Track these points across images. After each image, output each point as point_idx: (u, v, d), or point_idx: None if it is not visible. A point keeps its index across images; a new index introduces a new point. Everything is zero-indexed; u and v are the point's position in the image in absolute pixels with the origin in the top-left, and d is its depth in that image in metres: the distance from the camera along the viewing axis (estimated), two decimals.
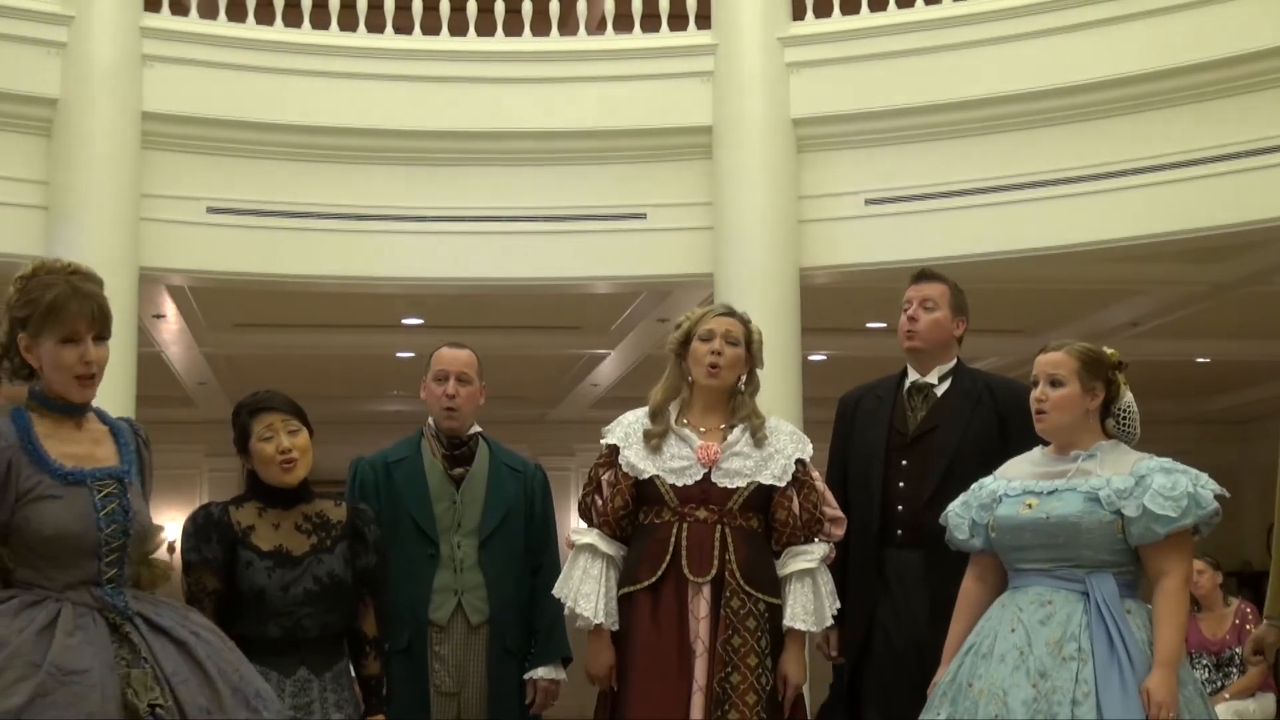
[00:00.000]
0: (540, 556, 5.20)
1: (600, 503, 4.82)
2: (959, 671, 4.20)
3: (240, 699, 3.38)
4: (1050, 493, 4.23)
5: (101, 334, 3.51)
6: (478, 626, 5.06)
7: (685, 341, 4.83)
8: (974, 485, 4.44)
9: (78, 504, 3.42)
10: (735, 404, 4.82)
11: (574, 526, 4.95)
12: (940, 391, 5.22)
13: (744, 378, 4.87)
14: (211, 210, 9.69)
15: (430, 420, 5.27)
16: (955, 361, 5.28)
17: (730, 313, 4.89)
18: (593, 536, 4.78)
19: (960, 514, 4.43)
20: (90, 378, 3.50)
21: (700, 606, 4.61)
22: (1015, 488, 4.31)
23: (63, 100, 9.49)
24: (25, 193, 9.43)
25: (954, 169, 9.77)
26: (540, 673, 5.10)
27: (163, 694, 3.27)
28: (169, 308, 10.73)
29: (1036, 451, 4.43)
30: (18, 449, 3.43)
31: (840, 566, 5.00)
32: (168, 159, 9.76)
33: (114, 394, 8.77)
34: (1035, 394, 4.34)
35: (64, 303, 3.46)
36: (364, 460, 5.27)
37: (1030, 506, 4.23)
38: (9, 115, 9.41)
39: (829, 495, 4.96)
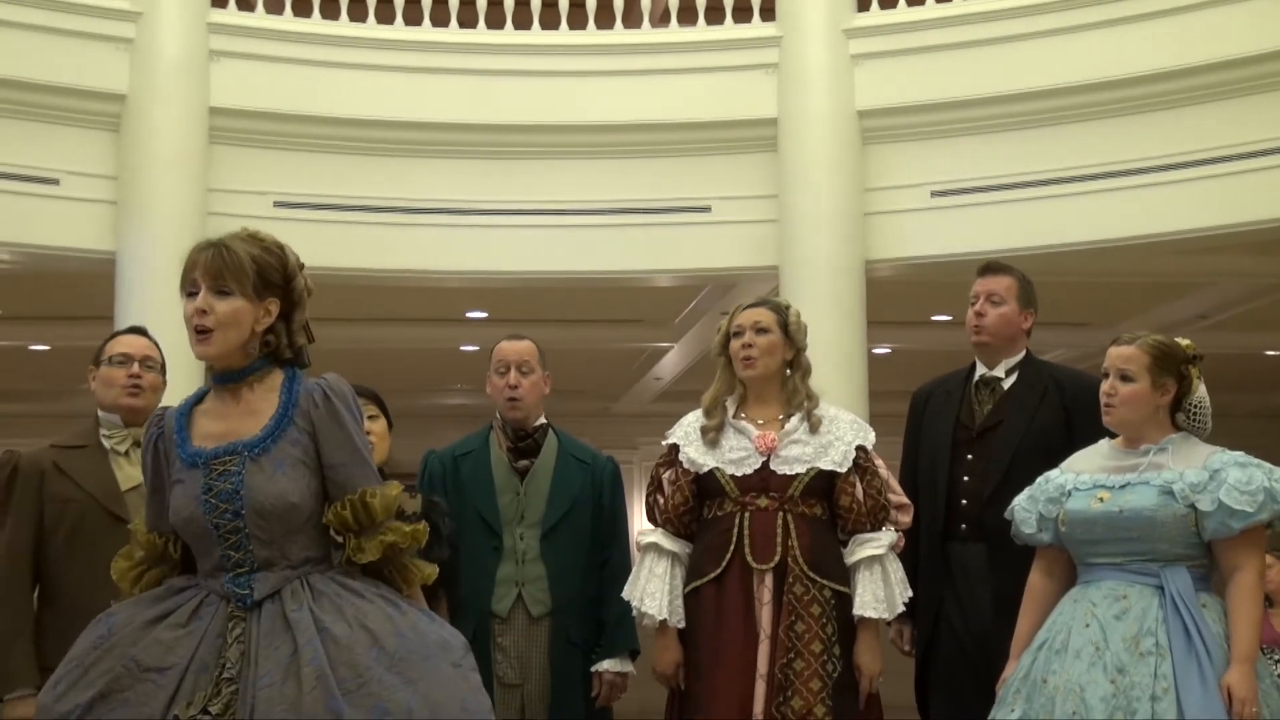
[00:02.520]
0: (608, 549, 5.20)
1: (662, 501, 4.84)
2: (1032, 667, 4.16)
3: (333, 712, 3.02)
4: (1123, 486, 4.20)
5: (221, 286, 3.26)
6: (539, 618, 5.07)
7: (727, 344, 4.85)
8: (1040, 479, 4.41)
9: (190, 487, 3.24)
10: (788, 390, 4.82)
11: (640, 528, 4.96)
12: (1007, 385, 5.19)
13: (790, 362, 4.85)
14: (278, 204, 9.74)
15: (498, 413, 5.28)
16: (1024, 354, 5.24)
17: (759, 303, 4.91)
18: (657, 535, 4.80)
19: (1027, 508, 4.40)
20: (203, 331, 3.26)
21: (764, 594, 4.62)
22: (1085, 481, 4.28)
23: (131, 96, 9.56)
24: (95, 188, 9.51)
25: (1020, 160, 9.70)
26: (606, 665, 5.11)
27: (222, 701, 3.08)
28: None
29: (1105, 444, 4.40)
30: (171, 436, 3.33)
31: (910, 560, 4.99)
32: (235, 154, 9.82)
33: (181, 386, 8.81)
34: (1104, 387, 4.30)
35: (188, 256, 3.30)
36: (434, 453, 5.29)
37: (1102, 500, 4.20)
38: (79, 111, 9.48)
39: (893, 482, 4.95)
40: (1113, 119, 9.48)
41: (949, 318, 11.55)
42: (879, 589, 4.65)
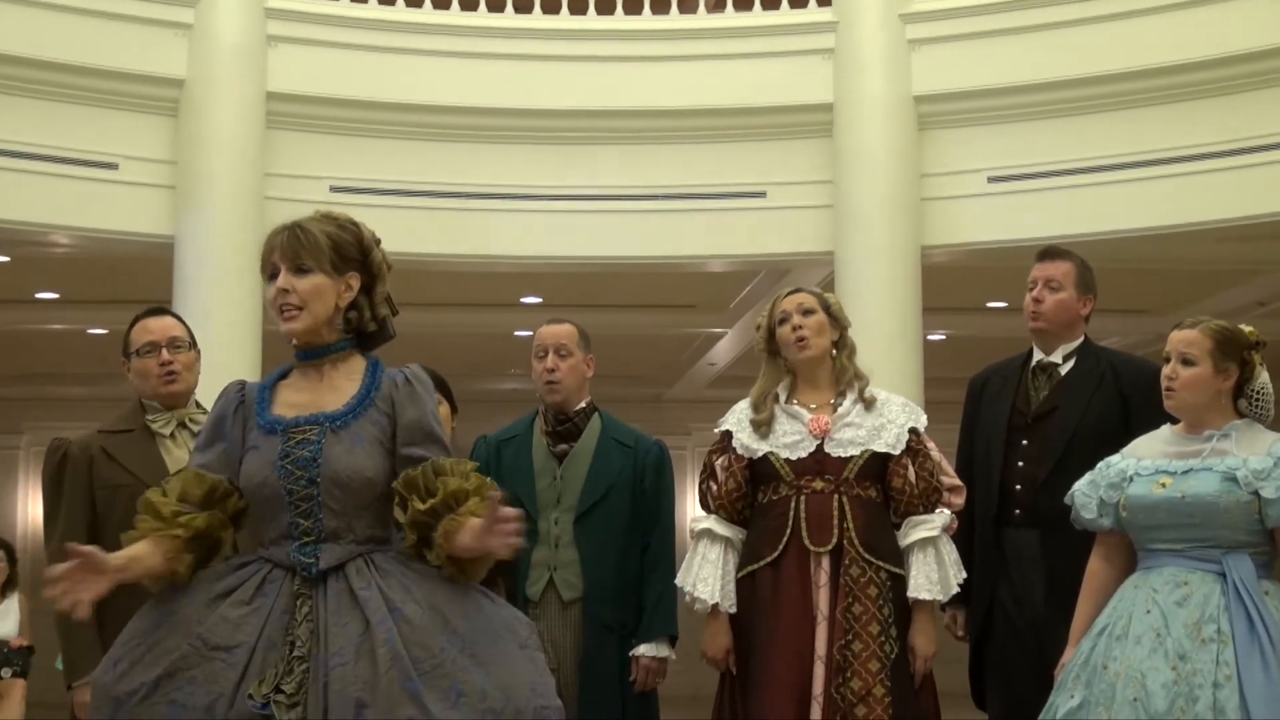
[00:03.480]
0: (649, 534, 5.17)
1: (715, 488, 4.84)
2: (1092, 653, 4.15)
3: (411, 693, 3.03)
4: (1185, 472, 4.17)
5: (300, 264, 3.32)
6: (570, 603, 5.05)
7: (771, 336, 4.85)
8: (1101, 464, 4.39)
9: (266, 453, 3.26)
10: (836, 370, 4.83)
11: (694, 514, 4.95)
12: (1064, 371, 5.16)
13: (835, 343, 4.85)
14: (335, 189, 9.78)
15: (540, 397, 5.28)
16: (1082, 340, 5.21)
17: (796, 290, 4.91)
18: (710, 521, 4.80)
19: (1088, 493, 4.38)
20: (288, 309, 3.32)
21: (820, 576, 4.62)
22: (1147, 467, 4.25)
23: (189, 81, 9.61)
24: (153, 173, 9.58)
25: (1078, 146, 9.64)
26: (643, 650, 5.07)
27: (295, 679, 3.08)
28: None
29: (1166, 430, 4.37)
30: (252, 404, 3.35)
31: (965, 545, 4.98)
32: (292, 139, 9.87)
33: (238, 369, 8.91)
34: (1166, 371, 4.28)
35: (265, 242, 3.37)
36: (483, 439, 5.30)
37: (1164, 486, 4.17)
38: (137, 96, 9.55)
39: (946, 464, 4.96)
40: (1173, 104, 9.41)
41: (1005, 304, 11.50)
42: (932, 571, 4.65)
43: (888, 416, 4.76)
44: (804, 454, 4.71)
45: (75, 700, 4.44)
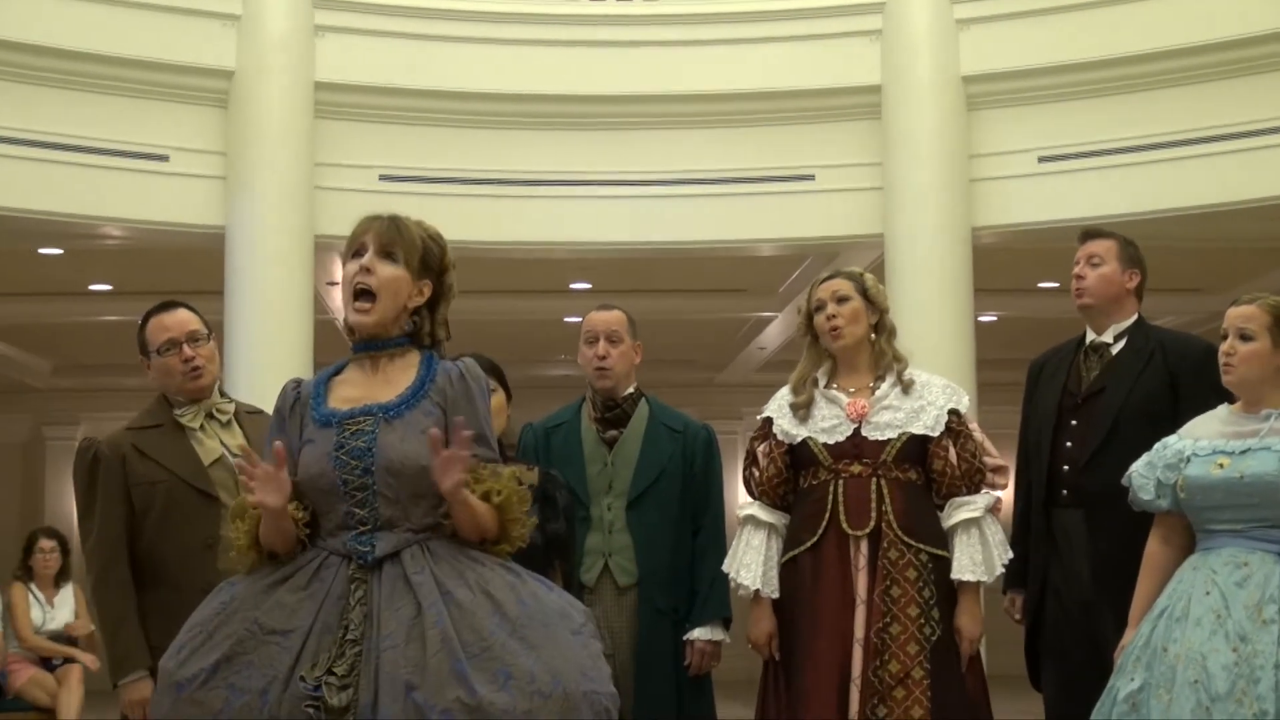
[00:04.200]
0: (700, 518, 5.19)
1: (757, 474, 4.87)
2: (1152, 635, 4.13)
3: (458, 674, 3.06)
4: (1243, 452, 4.15)
5: (390, 251, 3.37)
6: (626, 589, 5.08)
7: (810, 322, 4.85)
8: (1158, 445, 4.38)
9: (322, 445, 3.30)
10: (875, 354, 4.82)
11: (740, 500, 4.96)
12: (1115, 351, 5.16)
13: (874, 326, 4.84)
14: (384, 178, 9.81)
15: (589, 384, 5.29)
16: (1134, 319, 5.20)
17: (834, 275, 4.90)
18: (754, 508, 4.83)
19: (1145, 474, 4.36)
20: (363, 291, 3.35)
21: (859, 559, 4.63)
22: (1205, 447, 4.23)
23: (239, 72, 9.65)
24: (204, 164, 9.63)
25: (1129, 124, 9.56)
26: (697, 634, 5.11)
27: (346, 662, 3.12)
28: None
29: (1223, 410, 4.35)
30: (307, 399, 3.39)
31: (1021, 527, 4.97)
32: (341, 128, 9.90)
33: (290, 359, 8.99)
34: (1224, 348, 4.27)
35: (357, 225, 3.42)
36: (530, 426, 5.32)
37: (1222, 466, 4.15)
38: (187, 88, 9.59)
39: (989, 445, 4.94)
40: (1223, 81, 9.32)
41: (1056, 284, 11.42)
42: (976, 552, 4.65)
43: (927, 399, 4.75)
44: (841, 438, 4.72)
45: (122, 697, 4.47)
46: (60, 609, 9.58)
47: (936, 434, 4.72)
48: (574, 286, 12.13)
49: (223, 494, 4.46)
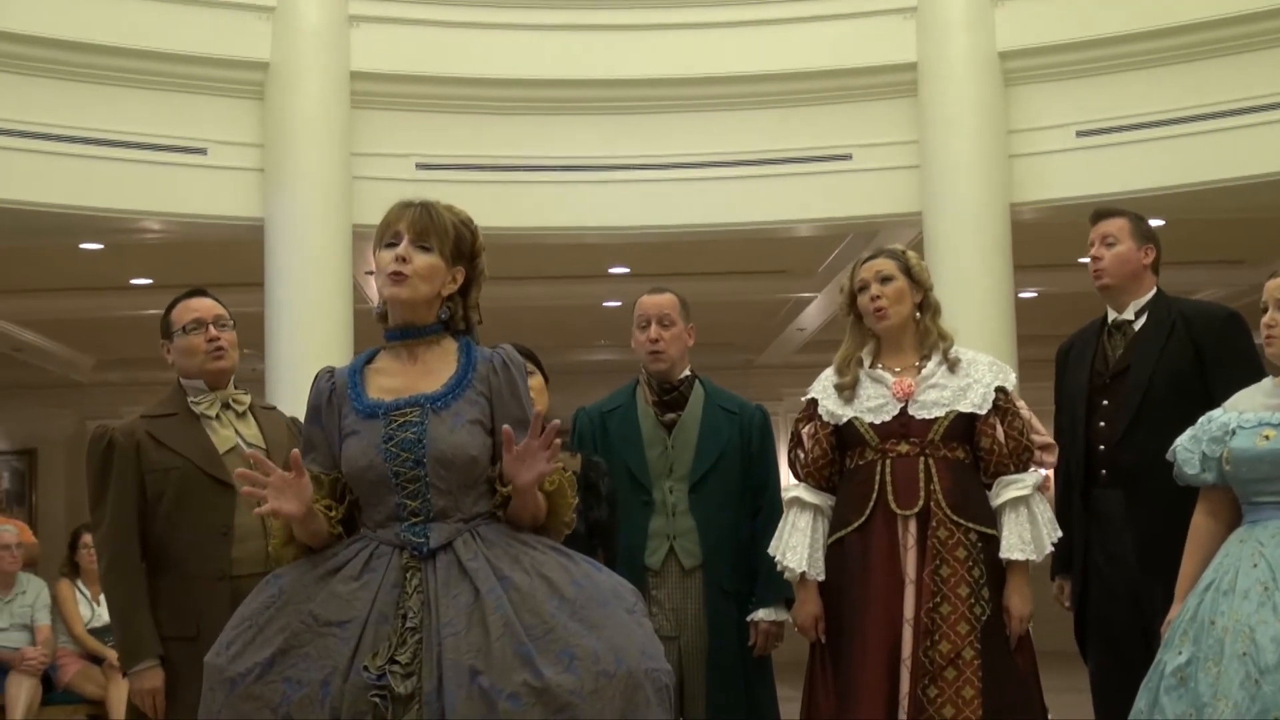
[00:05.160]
0: (760, 498, 5.21)
1: (803, 455, 4.85)
2: (1199, 609, 4.11)
3: (524, 657, 3.07)
4: None
5: (423, 241, 3.37)
6: (691, 570, 5.11)
7: (853, 301, 4.83)
8: (1202, 419, 4.37)
9: (369, 436, 3.29)
10: (920, 334, 4.80)
11: (785, 482, 4.96)
12: (1138, 327, 5.18)
13: (918, 305, 4.82)
14: (420, 166, 9.83)
15: (643, 367, 5.30)
16: (1153, 293, 5.21)
17: (877, 254, 4.87)
18: (800, 490, 4.81)
19: (1189, 448, 4.34)
20: (400, 276, 3.34)
21: (908, 539, 4.61)
22: (1250, 419, 4.21)
23: (274, 64, 9.67)
24: (241, 156, 9.65)
25: (1167, 96, 9.48)
26: (761, 614, 5.13)
27: (409, 650, 3.12)
28: None
29: (1268, 382, 4.33)
30: (344, 390, 3.39)
31: (1062, 509, 4.96)
32: (377, 117, 9.91)
33: (330, 348, 9.00)
34: (1265, 320, 4.25)
35: (389, 212, 3.43)
36: (584, 411, 5.34)
37: (1268, 438, 4.13)
38: (223, 80, 9.62)
39: (1037, 423, 4.92)
40: (1263, 51, 9.23)
41: None
42: (1025, 530, 4.61)
43: (974, 376, 4.72)
44: (888, 417, 4.69)
45: (132, 686, 4.47)
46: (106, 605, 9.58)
47: (984, 412, 4.69)
48: (612, 271, 12.13)
49: (237, 482, 4.48)
